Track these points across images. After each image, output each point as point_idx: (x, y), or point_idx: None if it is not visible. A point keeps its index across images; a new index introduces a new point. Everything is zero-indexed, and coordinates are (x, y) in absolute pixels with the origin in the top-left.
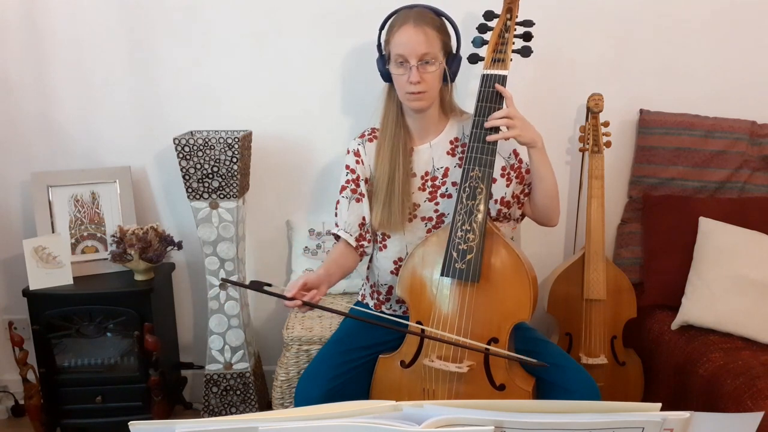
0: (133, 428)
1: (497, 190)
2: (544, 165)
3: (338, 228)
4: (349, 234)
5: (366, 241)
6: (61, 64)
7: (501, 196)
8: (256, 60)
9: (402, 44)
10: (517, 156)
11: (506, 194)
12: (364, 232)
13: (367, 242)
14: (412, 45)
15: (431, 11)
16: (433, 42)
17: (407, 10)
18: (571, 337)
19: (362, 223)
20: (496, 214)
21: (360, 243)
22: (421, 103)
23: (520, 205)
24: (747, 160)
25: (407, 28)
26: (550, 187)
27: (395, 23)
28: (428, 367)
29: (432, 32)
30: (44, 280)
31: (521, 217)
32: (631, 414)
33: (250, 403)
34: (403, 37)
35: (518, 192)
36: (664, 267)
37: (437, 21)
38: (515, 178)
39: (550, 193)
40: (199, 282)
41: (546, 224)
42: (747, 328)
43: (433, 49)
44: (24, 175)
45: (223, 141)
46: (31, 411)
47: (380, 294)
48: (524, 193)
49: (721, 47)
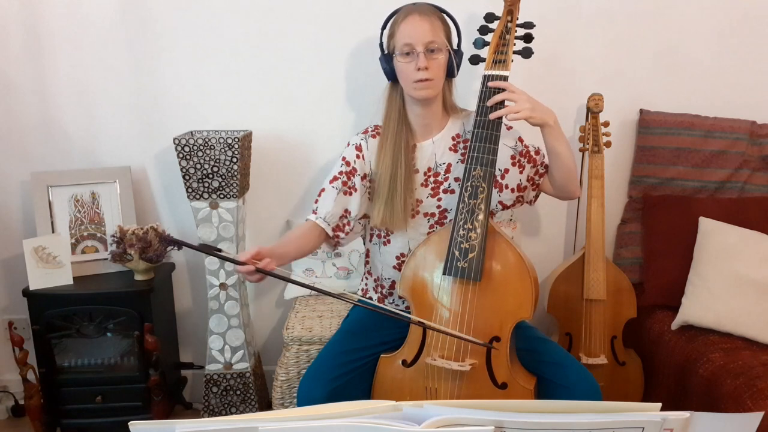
0: (133, 428)
1: (511, 179)
2: (559, 142)
3: (316, 216)
4: (327, 223)
5: (343, 232)
6: (61, 64)
7: (517, 184)
8: (256, 60)
9: (408, 33)
10: (522, 141)
11: (521, 180)
12: (343, 224)
13: (344, 234)
14: (419, 33)
15: (433, 6)
16: (438, 32)
17: (410, 6)
18: (571, 337)
19: (343, 215)
20: (513, 202)
21: (336, 234)
22: (428, 92)
23: (534, 186)
24: (747, 160)
25: (413, 18)
26: (566, 162)
27: (399, 17)
28: (430, 366)
29: (437, 22)
30: (44, 280)
31: (535, 198)
32: (631, 414)
33: (250, 403)
34: (409, 27)
35: (532, 174)
36: (664, 267)
37: (440, 15)
38: (527, 163)
39: (568, 168)
40: (199, 282)
41: (567, 197)
42: (747, 328)
43: (439, 38)
44: (24, 175)
45: (223, 141)
46: (31, 411)
47: (383, 288)
48: (538, 174)
49: (722, 47)
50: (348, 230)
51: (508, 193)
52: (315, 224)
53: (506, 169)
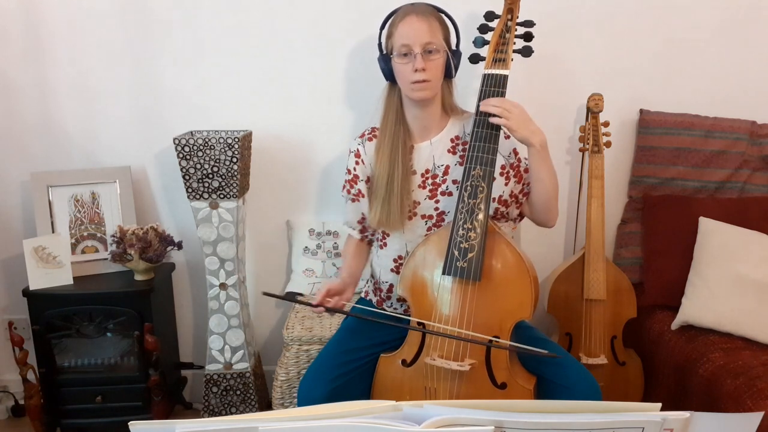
0: (133, 428)
1: (496, 188)
2: (542, 166)
3: (347, 227)
4: (353, 229)
5: (369, 232)
6: (61, 64)
7: (499, 195)
8: (256, 60)
9: (406, 34)
10: (517, 155)
11: (504, 193)
12: (365, 227)
13: (370, 233)
14: (416, 33)
15: (431, 7)
16: (436, 32)
17: (408, 6)
18: (571, 337)
19: (361, 220)
20: (493, 213)
21: (364, 234)
22: (426, 93)
23: (518, 205)
24: (747, 160)
25: (411, 19)
26: (547, 189)
27: (397, 18)
28: (430, 366)
29: (435, 23)
30: (44, 280)
31: (519, 218)
32: (631, 414)
33: (250, 403)
34: (406, 27)
35: (517, 191)
36: (664, 267)
37: (438, 15)
38: (513, 177)
39: (547, 196)
40: (199, 282)
41: (542, 225)
42: (747, 328)
43: (437, 38)
44: (24, 175)
45: (223, 141)
46: (31, 411)
47: (381, 291)
48: (523, 193)
49: (722, 47)
50: (372, 231)
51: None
52: (350, 235)
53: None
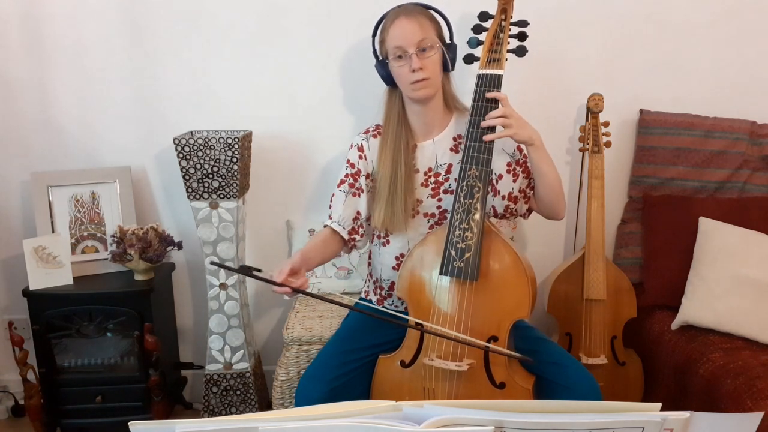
0: (133, 428)
1: (504, 186)
2: (543, 162)
3: (331, 221)
4: (343, 227)
5: (358, 235)
6: (61, 64)
7: (508, 192)
8: (257, 60)
9: (397, 36)
10: (522, 151)
11: (513, 189)
12: (357, 226)
13: (359, 236)
14: (408, 34)
15: (418, 6)
16: (427, 29)
17: (395, 9)
18: (571, 337)
19: (356, 217)
20: (503, 210)
21: (352, 237)
22: (426, 91)
23: (527, 199)
24: (747, 160)
25: (400, 21)
26: (552, 182)
27: (387, 22)
28: (428, 366)
29: (425, 20)
30: (44, 280)
31: (528, 212)
32: (631, 414)
33: (250, 403)
34: (397, 30)
35: (524, 186)
36: (664, 267)
37: (427, 12)
38: (522, 173)
39: (553, 188)
40: (199, 282)
41: (552, 218)
42: (747, 328)
43: (429, 35)
44: (24, 175)
45: (223, 141)
46: (31, 411)
47: (382, 290)
48: (530, 187)
49: (721, 47)
50: (362, 232)
51: (499, 200)
52: (332, 230)
53: (500, 174)
